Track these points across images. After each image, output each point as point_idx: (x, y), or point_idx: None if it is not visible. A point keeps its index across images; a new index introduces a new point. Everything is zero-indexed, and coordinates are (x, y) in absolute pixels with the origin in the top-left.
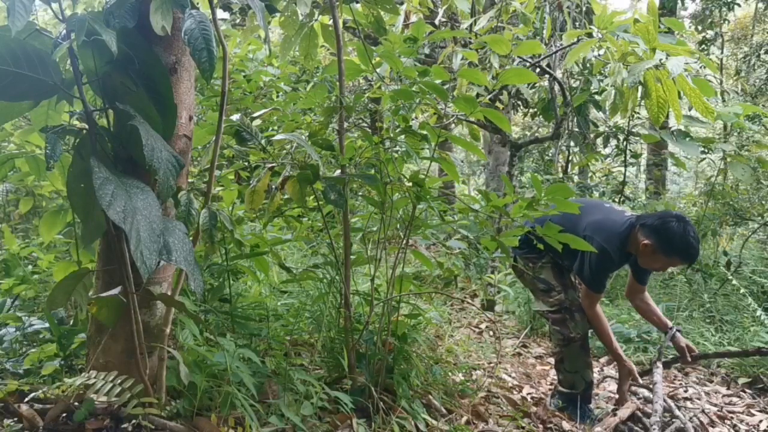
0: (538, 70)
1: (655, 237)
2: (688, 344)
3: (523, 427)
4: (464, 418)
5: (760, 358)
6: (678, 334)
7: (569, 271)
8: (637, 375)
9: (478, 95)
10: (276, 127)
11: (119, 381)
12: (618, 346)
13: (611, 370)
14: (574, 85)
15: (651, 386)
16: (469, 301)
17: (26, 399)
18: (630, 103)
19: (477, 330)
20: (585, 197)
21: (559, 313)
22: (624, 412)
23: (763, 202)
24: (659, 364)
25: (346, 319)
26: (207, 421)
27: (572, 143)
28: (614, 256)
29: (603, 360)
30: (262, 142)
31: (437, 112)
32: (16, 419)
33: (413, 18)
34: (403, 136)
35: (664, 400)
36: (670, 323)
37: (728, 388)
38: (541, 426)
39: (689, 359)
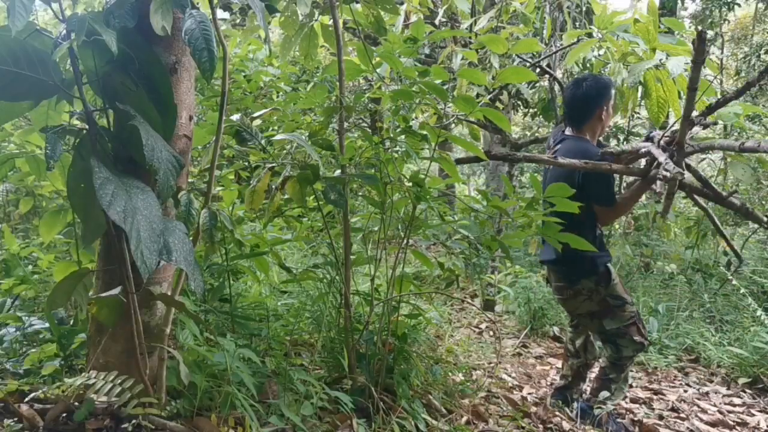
0: (538, 70)
1: (600, 96)
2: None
3: (523, 427)
4: (464, 418)
5: (760, 357)
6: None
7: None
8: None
9: (478, 95)
10: (276, 127)
11: (119, 381)
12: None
13: None
14: None
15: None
16: (469, 301)
17: (26, 399)
18: (630, 103)
19: (477, 330)
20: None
21: (633, 325)
22: None
23: (763, 202)
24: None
25: (346, 319)
26: (207, 421)
27: None
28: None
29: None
30: (262, 142)
31: (437, 112)
32: (16, 419)
33: (413, 18)
34: (403, 136)
35: None
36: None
37: (728, 388)
38: (541, 426)
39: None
